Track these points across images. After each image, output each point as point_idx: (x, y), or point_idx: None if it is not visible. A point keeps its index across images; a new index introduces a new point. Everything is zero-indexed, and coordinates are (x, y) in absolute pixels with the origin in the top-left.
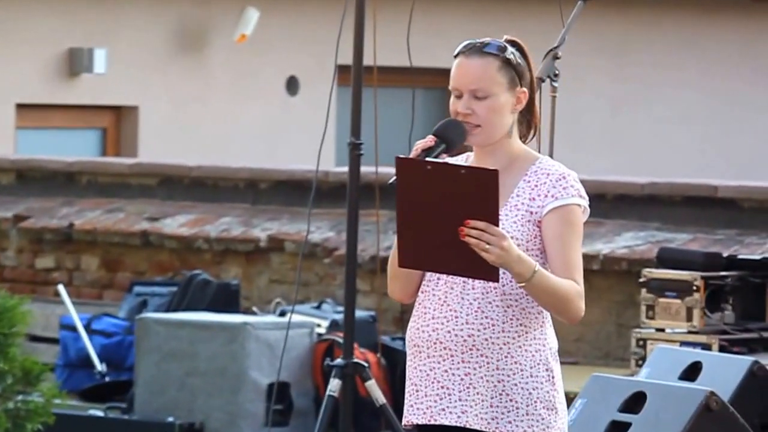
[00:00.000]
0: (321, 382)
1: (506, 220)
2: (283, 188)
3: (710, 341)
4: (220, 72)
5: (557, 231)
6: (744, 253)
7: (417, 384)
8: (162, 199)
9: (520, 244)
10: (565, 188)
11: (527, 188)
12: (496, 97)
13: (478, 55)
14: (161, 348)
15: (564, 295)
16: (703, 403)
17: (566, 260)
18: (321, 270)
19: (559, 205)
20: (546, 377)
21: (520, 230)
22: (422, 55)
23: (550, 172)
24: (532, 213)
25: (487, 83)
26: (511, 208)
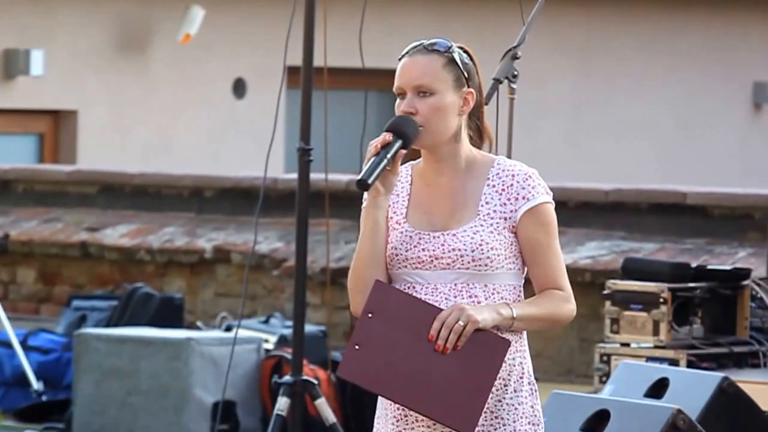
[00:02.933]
0: (268, 401)
1: (483, 231)
2: (229, 196)
3: (678, 356)
4: (164, 74)
5: (534, 237)
6: (713, 263)
7: (405, 410)
8: (102, 208)
9: (500, 254)
10: (534, 187)
11: (494, 193)
12: (440, 96)
13: (422, 54)
14: (101, 365)
15: (549, 315)
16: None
17: (547, 267)
18: (269, 282)
19: (532, 206)
20: (529, 391)
21: (497, 239)
22: (375, 56)
23: (515, 172)
24: (506, 219)
25: (431, 79)
26: (484, 217)
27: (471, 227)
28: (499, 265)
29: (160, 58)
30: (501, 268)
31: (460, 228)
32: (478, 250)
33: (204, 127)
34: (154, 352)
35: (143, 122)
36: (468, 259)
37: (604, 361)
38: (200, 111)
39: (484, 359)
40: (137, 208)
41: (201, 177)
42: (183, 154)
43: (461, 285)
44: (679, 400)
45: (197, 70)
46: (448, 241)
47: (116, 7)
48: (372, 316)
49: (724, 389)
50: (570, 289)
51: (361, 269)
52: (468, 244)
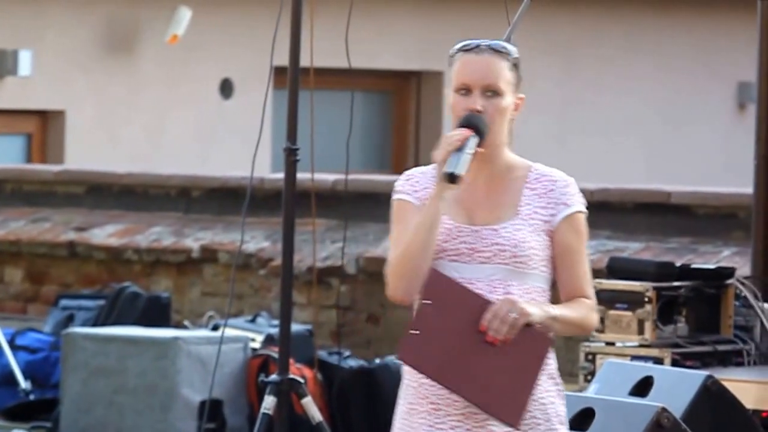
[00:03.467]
0: (255, 399)
1: (524, 229)
2: (217, 196)
3: (662, 355)
4: (151, 74)
5: (569, 243)
6: (698, 262)
7: (437, 403)
8: (90, 208)
9: (537, 255)
10: (573, 195)
11: (534, 196)
12: (504, 97)
13: (489, 53)
14: (88, 364)
15: (579, 322)
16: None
17: (577, 275)
18: (256, 282)
19: (570, 212)
20: (556, 392)
21: (537, 240)
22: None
23: (556, 178)
24: (545, 222)
25: (500, 80)
26: (524, 218)
27: (512, 224)
28: (534, 266)
29: (147, 59)
30: (535, 269)
31: (500, 225)
32: (519, 247)
33: (191, 127)
34: (141, 351)
35: (131, 122)
36: (508, 255)
37: (589, 359)
38: (187, 111)
39: (529, 354)
40: (125, 207)
41: (188, 177)
42: (170, 154)
43: (497, 281)
44: (663, 398)
45: (184, 70)
46: (489, 236)
47: (104, 7)
48: (429, 304)
49: (709, 387)
50: (594, 299)
51: (413, 257)
52: (509, 240)
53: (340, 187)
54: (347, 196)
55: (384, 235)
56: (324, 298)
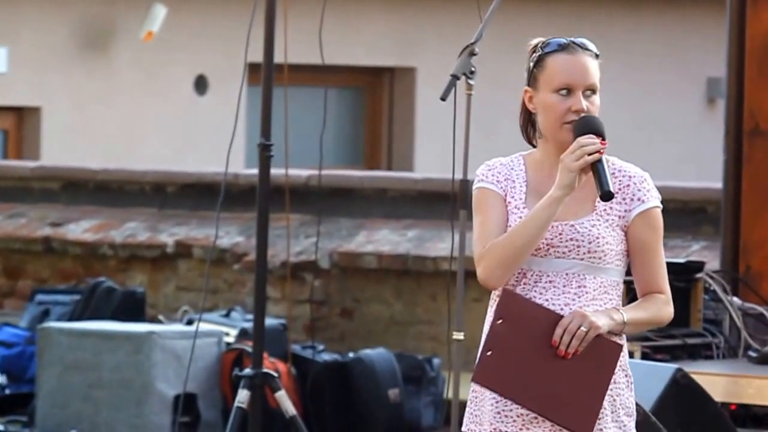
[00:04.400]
0: (229, 393)
1: (600, 225)
2: (191, 192)
3: (632, 348)
4: (126, 71)
5: (644, 239)
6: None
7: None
8: (65, 204)
9: (612, 249)
10: (649, 190)
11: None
12: (598, 95)
13: (582, 53)
14: (64, 359)
15: (654, 317)
16: None
17: (653, 270)
18: (230, 276)
19: (645, 208)
20: (626, 383)
21: (612, 235)
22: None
23: (632, 174)
24: (621, 217)
25: (596, 79)
26: (601, 213)
27: (588, 220)
28: (609, 261)
29: (122, 56)
30: (611, 264)
31: (578, 220)
32: (594, 243)
33: (166, 123)
34: (116, 346)
35: (106, 119)
36: (584, 250)
37: None
38: (162, 107)
39: (600, 363)
40: (100, 203)
41: (163, 173)
42: (145, 150)
43: (573, 275)
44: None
45: (159, 67)
46: (566, 231)
47: (79, 5)
48: (501, 322)
49: (678, 380)
50: (669, 292)
51: (518, 248)
52: (586, 236)
53: (313, 182)
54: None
55: (357, 230)
56: (298, 292)
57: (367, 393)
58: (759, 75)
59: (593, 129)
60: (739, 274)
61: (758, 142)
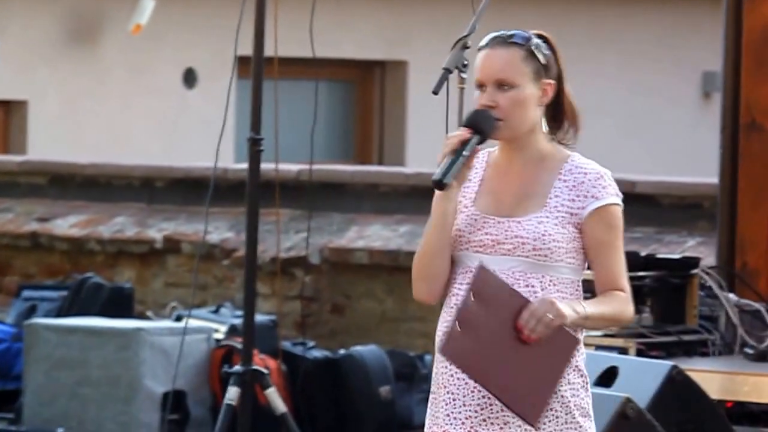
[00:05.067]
0: (219, 390)
1: (548, 222)
2: (180, 186)
3: (627, 345)
4: (114, 64)
5: (599, 236)
6: (663, 252)
7: (455, 393)
8: (52, 199)
9: (561, 247)
10: (605, 187)
11: (565, 188)
12: (520, 89)
13: (502, 46)
14: (51, 355)
15: (615, 314)
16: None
17: (611, 268)
18: (219, 272)
19: (600, 205)
20: (581, 383)
21: (561, 232)
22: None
23: (588, 171)
24: (573, 215)
25: (512, 73)
26: (551, 210)
27: (536, 217)
28: (558, 258)
29: (110, 49)
30: (561, 262)
31: (525, 216)
32: (540, 240)
33: (154, 117)
34: (103, 342)
35: (94, 113)
36: (529, 248)
37: None
38: (151, 101)
39: (557, 353)
40: (88, 198)
41: (152, 167)
42: (133, 144)
43: (519, 273)
44: (628, 388)
45: (148, 60)
46: (512, 228)
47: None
48: (475, 299)
49: (673, 378)
50: (630, 291)
51: (427, 258)
52: (531, 233)
53: (304, 177)
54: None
55: (348, 226)
56: (288, 288)
57: (359, 390)
58: (756, 69)
59: (470, 122)
60: (735, 270)
61: (755, 137)
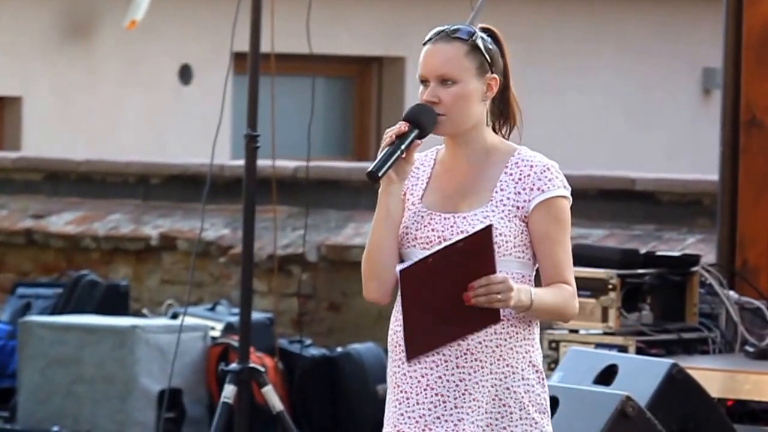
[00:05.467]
0: (215, 389)
1: (493, 217)
2: (176, 183)
3: (627, 343)
4: (109, 60)
5: (546, 229)
6: (662, 249)
7: (408, 391)
8: (47, 195)
9: (508, 241)
10: (550, 180)
11: (510, 182)
12: (464, 84)
13: (445, 41)
14: (46, 353)
15: (558, 306)
16: (619, 409)
17: (556, 261)
18: (215, 269)
19: (545, 198)
20: (536, 379)
21: (507, 226)
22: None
23: (534, 163)
24: (519, 208)
25: (454, 68)
26: (497, 204)
27: (482, 212)
28: (506, 252)
29: (105, 45)
30: (508, 255)
31: (471, 211)
32: None
33: (150, 113)
34: (99, 340)
35: (88, 109)
36: None
37: (553, 347)
38: (146, 97)
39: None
40: (82, 195)
41: (147, 164)
42: (129, 141)
43: None
44: (628, 386)
45: (143, 56)
46: (458, 223)
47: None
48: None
49: (673, 376)
50: (575, 286)
51: (373, 255)
52: (476, 228)
53: (301, 173)
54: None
55: (345, 223)
56: (285, 286)
57: (356, 388)
58: (756, 65)
59: (410, 116)
60: (735, 268)
61: (755, 133)
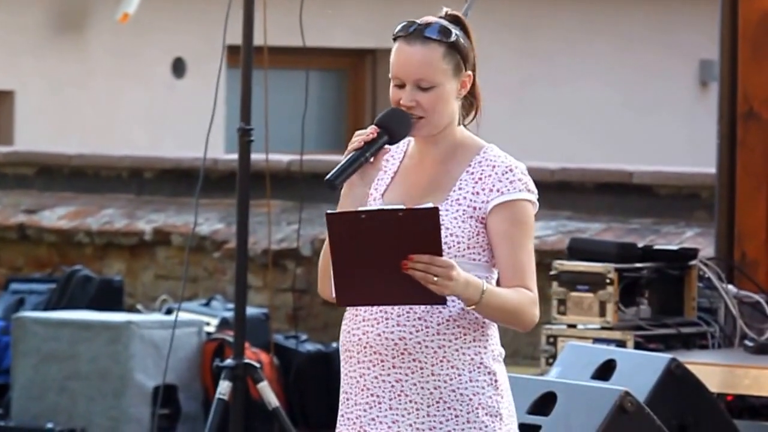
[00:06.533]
0: (210, 385)
1: (446, 216)
2: (169, 177)
3: (625, 337)
4: (101, 54)
5: (505, 231)
6: (660, 243)
7: (348, 392)
8: (40, 190)
9: (461, 242)
10: (512, 182)
11: (470, 181)
12: (441, 87)
13: (420, 42)
14: (39, 349)
15: (515, 308)
16: (617, 404)
17: (516, 265)
18: (210, 264)
19: (504, 200)
20: (488, 381)
21: (460, 227)
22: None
23: (496, 164)
24: (476, 209)
25: (432, 73)
26: (452, 203)
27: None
28: (458, 253)
29: (97, 38)
30: (461, 257)
31: None
32: None
33: (143, 107)
34: (93, 336)
35: (81, 103)
36: None
37: (551, 342)
38: (139, 91)
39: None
40: (76, 189)
41: (140, 158)
42: (122, 135)
43: None
44: (626, 381)
45: (136, 49)
46: None
47: None
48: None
49: (672, 371)
50: (537, 294)
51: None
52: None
53: (295, 167)
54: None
55: None
56: (280, 281)
57: None
58: (753, 57)
59: (382, 122)
60: (734, 261)
61: (752, 126)
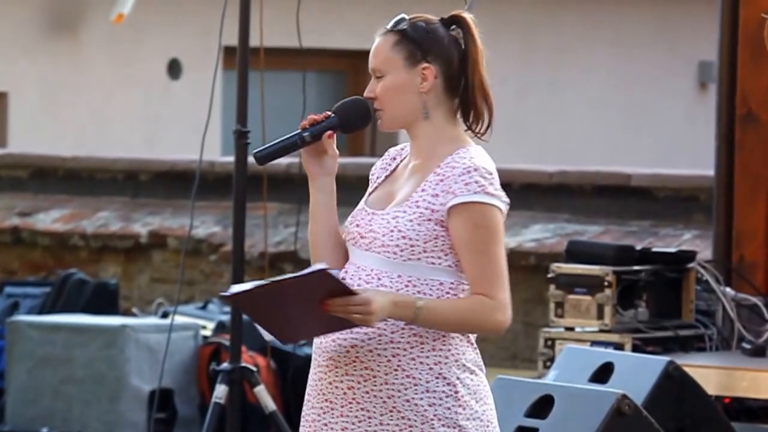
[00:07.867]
0: (207, 389)
1: (402, 218)
2: (165, 180)
3: (623, 340)
4: (96, 55)
5: (464, 237)
6: (659, 245)
7: (309, 393)
8: (34, 193)
9: (415, 245)
10: (467, 184)
11: (434, 182)
12: (390, 76)
13: (380, 35)
14: (34, 353)
15: (463, 319)
16: (615, 407)
17: (478, 271)
18: (206, 267)
19: (458, 203)
20: (447, 392)
21: (415, 229)
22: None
23: (457, 165)
24: (434, 211)
25: (380, 61)
26: (411, 204)
27: (395, 211)
28: (412, 257)
29: (92, 39)
30: (419, 261)
31: (385, 210)
32: (388, 236)
33: (138, 109)
34: (88, 340)
35: (76, 104)
36: (379, 243)
37: (549, 345)
38: (134, 93)
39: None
40: (70, 192)
41: (136, 160)
42: (117, 137)
43: (377, 271)
44: (624, 384)
45: (131, 50)
46: (374, 221)
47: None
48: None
49: (670, 373)
50: (505, 299)
51: (311, 251)
52: (382, 228)
53: (293, 170)
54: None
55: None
56: None
57: None
58: (752, 59)
59: (337, 108)
60: (732, 264)
61: (751, 128)
